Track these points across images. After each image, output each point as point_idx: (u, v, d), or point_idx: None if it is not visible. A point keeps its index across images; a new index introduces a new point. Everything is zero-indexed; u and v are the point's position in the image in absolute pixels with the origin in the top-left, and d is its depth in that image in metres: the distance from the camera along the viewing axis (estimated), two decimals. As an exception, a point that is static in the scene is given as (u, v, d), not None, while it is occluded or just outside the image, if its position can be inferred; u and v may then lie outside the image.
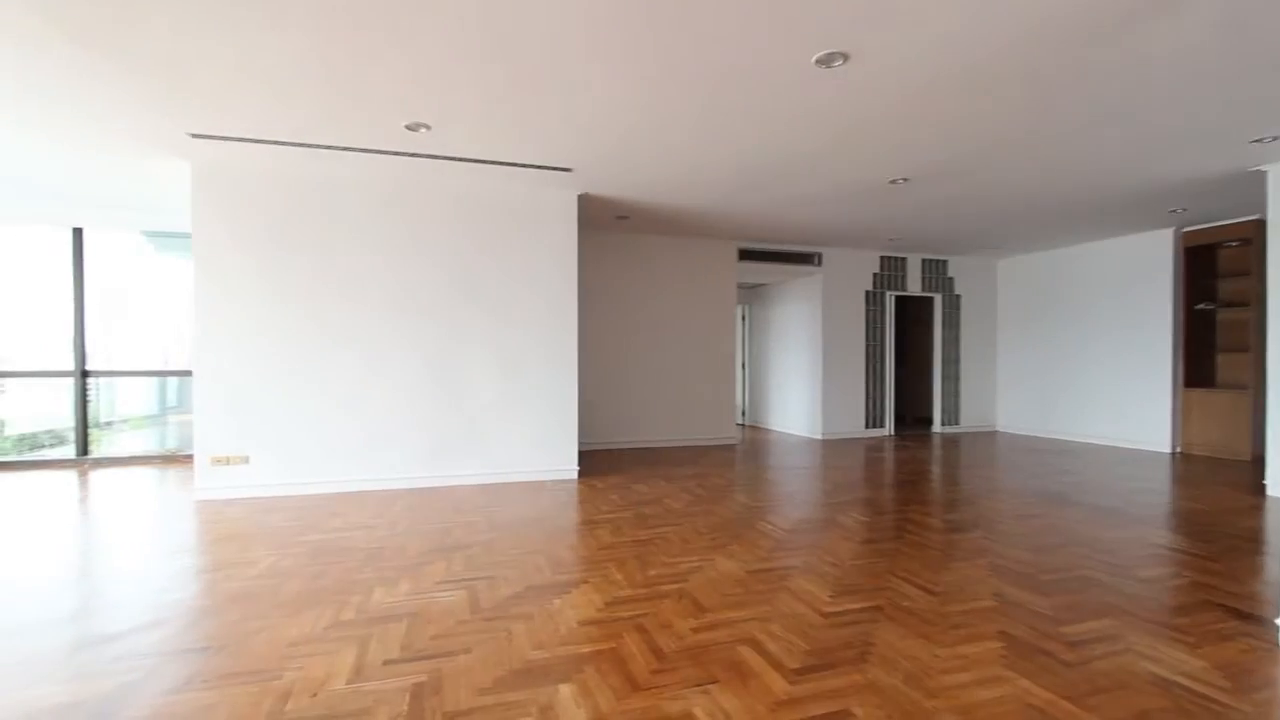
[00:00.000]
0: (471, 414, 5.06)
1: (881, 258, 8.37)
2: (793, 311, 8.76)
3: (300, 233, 4.68)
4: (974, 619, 2.45)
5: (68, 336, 6.07)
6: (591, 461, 6.07)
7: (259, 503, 4.40)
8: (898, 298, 8.72)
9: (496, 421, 5.12)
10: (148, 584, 2.84)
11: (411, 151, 4.25)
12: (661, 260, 7.26)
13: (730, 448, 7.24)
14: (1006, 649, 2.19)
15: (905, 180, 4.96)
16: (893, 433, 8.50)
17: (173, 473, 5.60)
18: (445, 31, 2.74)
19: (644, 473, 5.60)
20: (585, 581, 2.87)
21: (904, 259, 8.49)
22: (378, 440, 4.84)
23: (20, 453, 6.20)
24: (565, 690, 1.92)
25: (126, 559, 3.23)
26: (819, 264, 8.05)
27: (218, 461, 4.51)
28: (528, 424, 5.19)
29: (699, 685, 1.95)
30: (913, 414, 9.59)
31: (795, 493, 4.87)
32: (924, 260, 8.61)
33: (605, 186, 5.13)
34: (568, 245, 5.25)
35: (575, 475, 5.30)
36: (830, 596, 2.68)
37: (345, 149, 4.19)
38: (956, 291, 8.82)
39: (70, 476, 5.47)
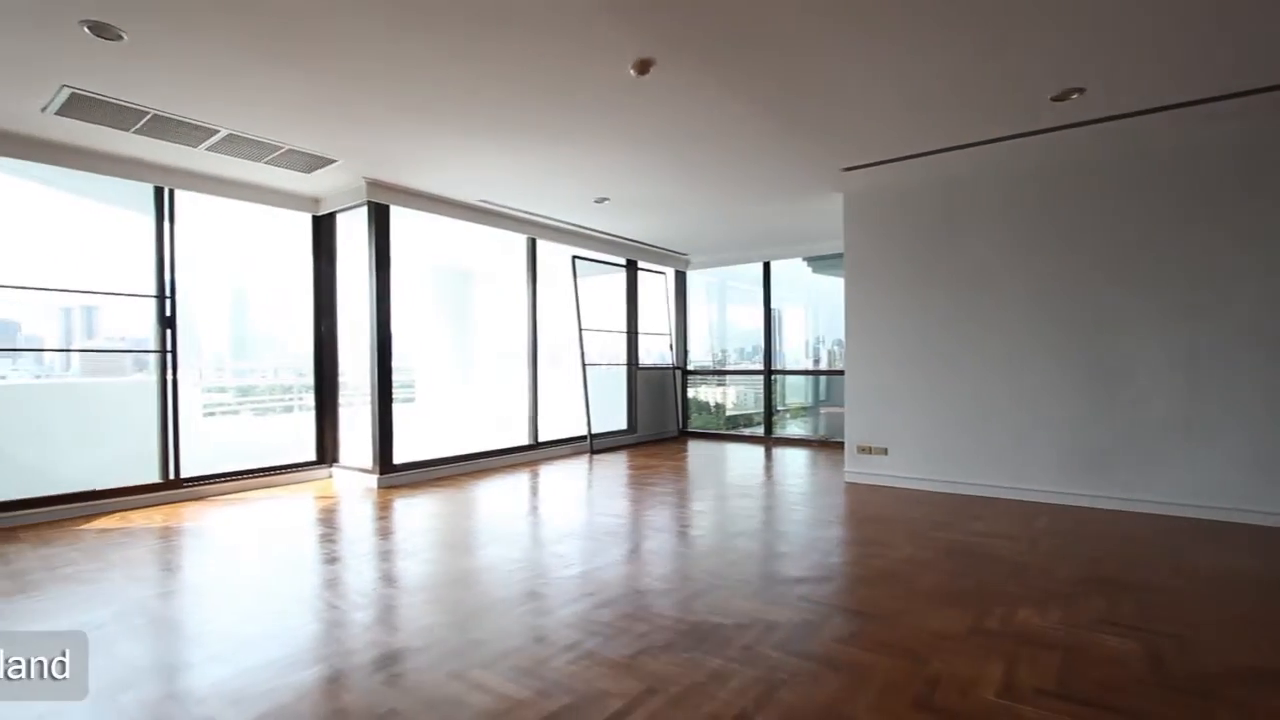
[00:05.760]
0: (1135, 427, 4.11)
1: None
2: None
3: (931, 239, 4.81)
4: None
5: (757, 344, 8.09)
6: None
7: (896, 492, 4.75)
8: None
9: (1174, 438, 3.99)
10: (815, 545, 3.46)
11: (1057, 124, 3.78)
12: None
13: None
14: None
15: None
16: None
17: (822, 455, 6.68)
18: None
19: None
20: (1362, 693, 1.90)
21: None
22: (1015, 447, 4.50)
23: (731, 428, 8.63)
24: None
25: (801, 520, 4.03)
26: None
27: (862, 450, 5.11)
28: (1230, 444, 3.83)
29: None
30: None
31: None
32: None
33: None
34: (1306, 194, 3.63)
35: (1324, 529, 3.60)
36: None
37: (977, 144, 4.08)
38: None
39: (759, 449, 7.22)
